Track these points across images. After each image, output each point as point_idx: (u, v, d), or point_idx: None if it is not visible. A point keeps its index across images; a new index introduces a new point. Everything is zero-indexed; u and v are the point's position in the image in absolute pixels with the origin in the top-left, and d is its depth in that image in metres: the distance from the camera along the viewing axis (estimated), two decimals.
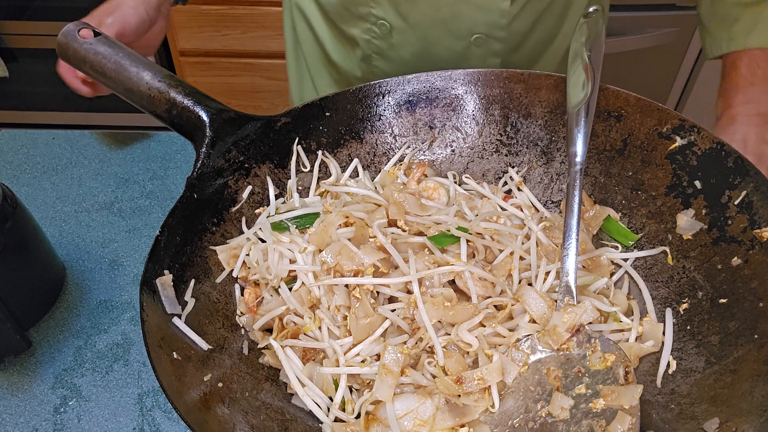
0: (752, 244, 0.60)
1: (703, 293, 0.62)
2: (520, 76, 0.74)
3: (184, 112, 0.68)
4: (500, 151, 0.77)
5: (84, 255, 0.82)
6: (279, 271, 0.64)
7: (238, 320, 0.65)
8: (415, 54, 0.90)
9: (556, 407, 0.56)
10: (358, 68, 0.97)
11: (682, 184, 0.67)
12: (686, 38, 1.88)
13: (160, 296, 0.60)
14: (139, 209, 0.88)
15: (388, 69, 0.94)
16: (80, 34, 0.72)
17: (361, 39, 0.92)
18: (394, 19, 0.88)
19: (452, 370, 0.57)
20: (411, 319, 0.60)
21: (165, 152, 0.96)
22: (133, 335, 0.74)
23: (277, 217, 0.68)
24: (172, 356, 0.56)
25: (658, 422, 0.56)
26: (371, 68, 0.95)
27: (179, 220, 0.63)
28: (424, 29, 0.87)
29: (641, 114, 0.69)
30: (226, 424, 0.54)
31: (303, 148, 0.74)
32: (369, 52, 0.93)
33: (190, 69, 2.14)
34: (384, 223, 0.65)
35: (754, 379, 0.54)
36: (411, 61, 0.92)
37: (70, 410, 0.68)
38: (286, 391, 0.61)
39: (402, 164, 0.76)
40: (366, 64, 0.95)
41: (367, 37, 0.91)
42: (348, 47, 0.96)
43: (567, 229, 0.63)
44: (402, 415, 0.55)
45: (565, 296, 0.61)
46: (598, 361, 0.58)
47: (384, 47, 0.91)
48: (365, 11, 0.89)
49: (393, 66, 0.93)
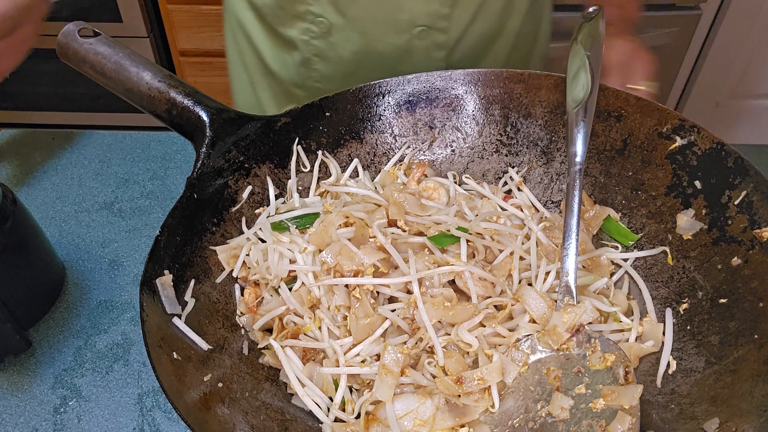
0: (752, 244, 0.60)
1: (703, 293, 0.62)
2: (520, 76, 0.74)
3: (184, 112, 0.68)
4: (500, 151, 0.77)
5: (84, 255, 0.83)
6: (279, 271, 0.64)
7: (238, 320, 0.65)
8: (356, 52, 0.89)
9: (556, 407, 0.56)
10: (296, 74, 0.95)
11: (682, 184, 0.67)
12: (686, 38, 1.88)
13: (160, 296, 0.60)
14: (139, 209, 0.88)
15: (328, 71, 0.92)
16: (80, 34, 0.72)
17: (299, 40, 0.90)
18: (333, 16, 0.86)
19: (452, 370, 0.57)
20: (411, 319, 0.60)
21: (165, 152, 0.96)
22: (133, 335, 0.74)
23: (277, 217, 0.68)
24: (172, 356, 0.56)
25: (658, 422, 0.56)
26: (310, 72, 0.93)
27: (179, 220, 0.63)
28: (364, 24, 0.86)
29: (641, 114, 0.69)
30: (226, 424, 0.54)
31: (303, 148, 0.74)
32: (308, 55, 0.91)
33: (190, 69, 2.14)
34: (384, 223, 0.65)
35: (754, 379, 0.54)
36: (352, 60, 0.90)
37: (70, 410, 0.68)
38: (286, 391, 0.61)
39: (402, 164, 0.76)
40: (305, 69, 0.93)
41: (306, 37, 0.90)
42: (286, 52, 0.94)
43: (567, 229, 0.63)
44: (402, 415, 0.55)
45: (565, 296, 0.61)
46: (598, 361, 0.58)
47: (323, 47, 0.90)
48: (302, 9, 0.87)
49: (333, 67, 0.92)
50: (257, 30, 0.96)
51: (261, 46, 0.97)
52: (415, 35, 0.86)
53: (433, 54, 0.89)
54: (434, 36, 0.87)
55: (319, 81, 0.94)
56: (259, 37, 0.96)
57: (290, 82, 0.97)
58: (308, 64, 0.93)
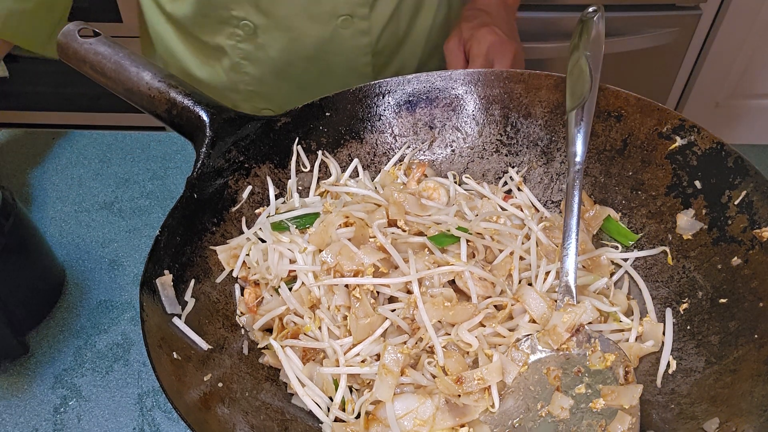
0: (752, 244, 0.60)
1: (703, 293, 0.62)
2: (520, 76, 0.74)
3: (184, 112, 0.68)
4: (500, 151, 0.77)
5: (84, 255, 0.82)
6: (279, 271, 0.64)
7: (238, 320, 0.65)
8: (284, 50, 0.89)
9: (556, 407, 0.56)
10: (227, 80, 0.95)
11: (682, 184, 0.67)
12: (686, 38, 1.88)
13: (160, 296, 0.60)
14: (139, 209, 0.88)
15: (258, 73, 0.92)
16: (80, 34, 0.72)
17: (226, 46, 0.90)
18: (256, 17, 0.86)
19: (452, 370, 0.57)
20: (411, 319, 0.60)
21: (165, 152, 0.96)
22: (133, 335, 0.74)
23: (277, 217, 0.68)
24: (172, 356, 0.56)
25: (658, 422, 0.56)
26: (241, 76, 0.93)
27: (179, 220, 0.63)
28: (287, 21, 0.86)
29: (641, 114, 0.69)
30: (226, 424, 0.54)
31: (303, 148, 0.74)
32: (237, 59, 0.91)
33: None
34: (384, 223, 0.65)
35: (754, 379, 0.54)
36: (280, 58, 0.90)
37: (70, 410, 0.68)
38: (286, 391, 0.61)
39: (402, 164, 0.76)
40: (235, 73, 0.93)
41: (232, 42, 0.89)
42: (213, 60, 0.94)
43: (567, 229, 0.63)
44: (402, 415, 0.55)
45: (565, 296, 0.61)
46: (598, 360, 0.58)
47: (251, 50, 0.90)
48: (226, 15, 0.87)
49: (263, 68, 0.92)
50: (178, 43, 0.96)
51: (184, 58, 0.97)
52: (339, 25, 0.87)
53: (359, 41, 0.90)
54: (357, 24, 0.87)
55: (251, 84, 0.94)
56: (180, 49, 0.96)
57: (222, 87, 0.97)
58: (238, 68, 0.93)
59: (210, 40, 0.91)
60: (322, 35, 0.88)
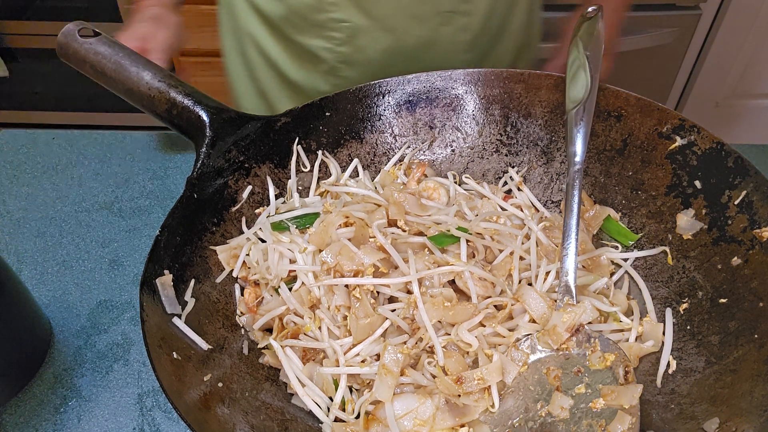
0: (752, 244, 0.60)
1: (703, 293, 0.62)
2: (520, 76, 0.74)
3: (184, 112, 0.68)
4: (500, 151, 0.77)
5: (84, 255, 0.83)
6: (279, 271, 0.64)
7: (238, 320, 0.65)
8: (384, 50, 0.88)
9: (555, 407, 0.56)
10: (323, 82, 0.93)
11: (682, 184, 0.67)
12: (686, 38, 1.88)
13: (160, 296, 0.60)
14: (139, 209, 0.88)
15: (356, 76, 0.91)
16: (80, 34, 0.72)
17: (322, 50, 0.89)
18: (358, 18, 0.85)
19: (452, 370, 0.57)
20: (411, 319, 0.60)
21: (165, 152, 0.96)
22: (133, 335, 0.74)
23: (277, 217, 0.68)
24: (172, 356, 0.56)
25: (658, 422, 0.56)
26: (337, 80, 0.92)
27: (179, 220, 0.63)
28: (389, 21, 0.85)
29: (641, 114, 0.69)
30: (226, 424, 0.54)
31: (303, 148, 0.74)
32: (334, 63, 0.90)
33: (190, 69, 2.14)
34: (384, 223, 0.65)
35: (754, 379, 0.54)
36: (380, 59, 0.89)
37: (70, 410, 0.68)
38: (286, 391, 0.61)
39: (402, 164, 0.76)
40: (333, 77, 0.92)
41: (329, 45, 0.88)
42: (309, 64, 0.92)
43: (566, 228, 0.63)
44: (402, 415, 0.55)
45: (565, 296, 0.61)
46: (597, 360, 0.58)
47: (349, 52, 0.88)
48: (324, 17, 0.86)
49: (361, 70, 0.90)
50: (272, 44, 0.94)
51: (278, 59, 0.95)
52: (440, 22, 0.85)
53: (459, 37, 0.88)
54: (458, 20, 0.86)
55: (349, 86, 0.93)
56: (275, 50, 0.94)
57: (315, 91, 0.95)
58: (335, 72, 0.91)
59: (305, 42, 0.90)
60: (423, 34, 0.86)
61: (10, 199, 0.89)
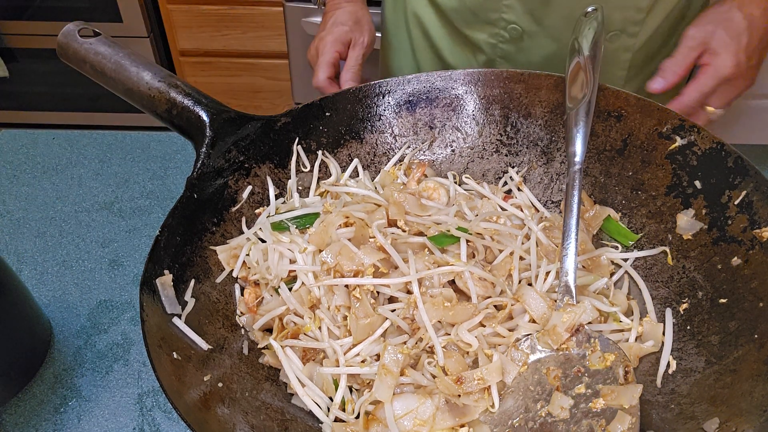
0: (752, 244, 0.60)
1: (703, 293, 0.62)
2: (520, 76, 0.74)
3: (184, 112, 0.68)
4: (500, 151, 0.77)
5: (84, 255, 0.83)
6: (279, 271, 0.64)
7: (238, 320, 0.65)
8: (546, 57, 0.88)
9: (555, 407, 0.56)
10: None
11: (682, 184, 0.67)
12: None
13: (160, 296, 0.60)
14: (139, 209, 0.88)
15: None
16: (80, 34, 0.72)
17: (486, 44, 0.90)
18: (527, 24, 0.86)
19: (452, 370, 0.57)
20: (411, 319, 0.60)
21: (165, 152, 0.96)
22: (133, 335, 0.74)
23: (277, 217, 0.68)
24: (172, 356, 0.56)
25: (658, 422, 0.56)
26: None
27: (179, 220, 0.63)
28: (557, 31, 0.85)
29: (641, 114, 0.69)
30: (226, 424, 0.54)
31: (303, 148, 0.74)
32: (494, 57, 0.91)
33: (190, 69, 2.14)
34: (384, 223, 0.65)
35: (754, 379, 0.54)
36: (540, 64, 0.89)
37: (70, 410, 0.68)
38: (286, 391, 0.61)
39: (402, 164, 0.76)
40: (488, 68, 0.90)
41: (494, 41, 0.89)
42: (468, 52, 0.94)
43: (566, 228, 0.63)
44: (402, 414, 0.55)
45: (565, 296, 0.61)
46: (597, 360, 0.58)
47: (511, 51, 0.89)
48: (495, 17, 0.87)
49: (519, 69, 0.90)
50: (437, 28, 0.95)
51: (441, 43, 0.96)
52: (607, 39, 0.85)
53: (621, 56, 0.88)
54: (624, 40, 0.86)
55: None
56: (439, 34, 0.96)
57: None
58: (492, 65, 0.92)
59: (471, 35, 0.91)
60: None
61: (10, 199, 0.89)
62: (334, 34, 0.85)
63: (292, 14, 1.90)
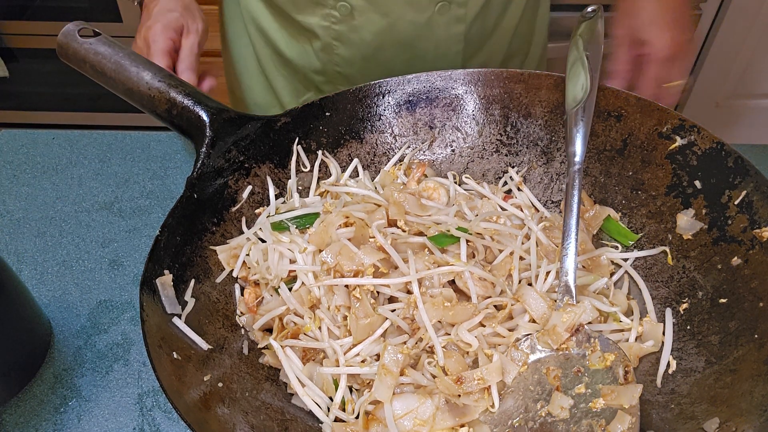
0: (752, 244, 0.60)
1: (703, 293, 0.62)
2: (520, 76, 0.74)
3: (184, 112, 0.68)
4: (500, 151, 0.77)
5: (84, 255, 0.83)
6: (279, 271, 0.64)
7: (238, 320, 0.65)
8: (378, 33, 0.89)
9: (555, 407, 0.56)
10: (317, 60, 0.94)
11: (682, 183, 0.67)
12: None
13: (160, 296, 0.60)
14: (139, 209, 0.88)
15: (348, 55, 0.92)
16: (80, 34, 0.72)
17: (319, 27, 0.90)
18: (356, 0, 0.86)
19: (452, 370, 0.57)
20: (411, 319, 0.60)
21: (165, 152, 0.96)
22: (133, 335, 0.74)
23: (277, 217, 0.68)
24: (172, 356, 0.56)
25: (658, 422, 0.56)
26: (331, 57, 0.93)
27: (179, 220, 0.63)
28: (386, 5, 0.85)
29: (641, 114, 0.69)
30: (226, 424, 0.54)
31: (303, 148, 0.74)
32: (328, 40, 0.91)
33: None
34: (384, 223, 0.65)
35: (754, 379, 0.54)
36: (373, 41, 0.90)
37: (70, 410, 0.68)
38: (286, 391, 0.61)
39: (402, 164, 0.76)
40: (326, 54, 0.93)
41: (326, 23, 0.89)
42: (304, 40, 0.94)
43: (566, 228, 0.63)
44: (402, 414, 0.55)
45: (565, 296, 0.61)
46: (597, 360, 0.58)
47: (345, 31, 0.89)
48: None
49: (354, 50, 0.91)
50: (270, 21, 0.95)
51: (275, 36, 0.96)
52: (436, 11, 0.86)
53: (453, 28, 0.89)
54: (454, 10, 0.87)
55: (339, 65, 0.94)
56: (273, 27, 0.96)
57: (309, 68, 0.96)
58: (329, 49, 0.92)
59: (304, 20, 0.91)
60: (418, 20, 0.87)
61: (10, 199, 0.89)
62: (163, 21, 0.80)
63: None
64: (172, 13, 0.80)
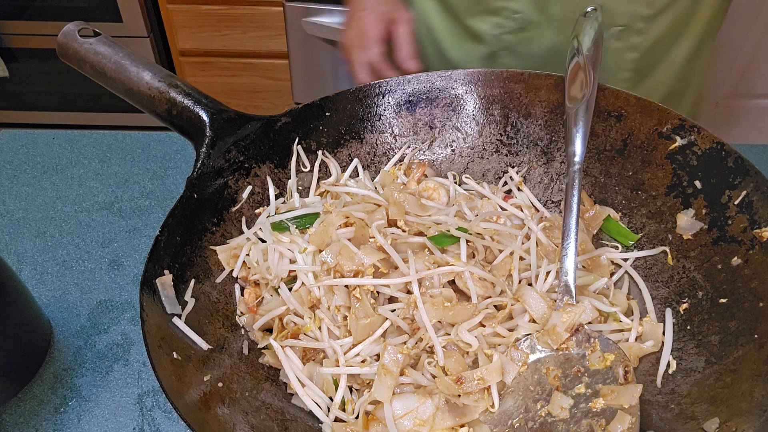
0: (752, 244, 0.60)
1: (703, 293, 0.62)
2: (520, 76, 0.74)
3: (184, 112, 0.68)
4: (500, 151, 0.77)
5: (84, 255, 0.83)
6: (279, 271, 0.64)
7: (238, 320, 0.65)
8: (549, 49, 0.87)
9: (555, 407, 0.56)
10: (479, 66, 0.92)
11: (682, 184, 0.67)
12: None
13: (160, 296, 0.60)
14: (139, 209, 0.88)
15: (513, 65, 0.89)
16: (80, 34, 0.72)
17: (488, 35, 0.88)
18: (532, 13, 0.84)
19: (452, 370, 0.57)
20: (411, 319, 0.60)
21: (165, 152, 0.96)
22: (133, 335, 0.74)
23: (277, 217, 0.68)
24: (172, 356, 0.56)
25: (658, 422, 0.56)
26: (496, 65, 0.91)
27: (179, 220, 0.63)
28: (562, 23, 0.83)
29: (641, 114, 0.69)
30: (226, 424, 0.54)
31: (303, 148, 0.74)
32: (496, 49, 0.89)
33: (190, 69, 2.14)
34: (384, 223, 0.65)
35: (754, 379, 0.54)
36: (542, 56, 0.87)
37: (70, 410, 0.68)
38: (286, 391, 0.61)
39: (402, 164, 0.76)
40: (490, 61, 0.91)
41: (497, 32, 0.88)
42: (471, 44, 0.92)
43: (566, 228, 0.63)
44: (402, 415, 0.55)
45: (565, 296, 0.61)
46: (597, 360, 0.58)
47: (514, 42, 0.87)
48: (498, 5, 0.85)
49: (520, 62, 0.89)
50: (440, 21, 0.94)
51: (443, 36, 0.95)
52: (612, 35, 0.84)
53: (626, 55, 0.87)
54: (630, 37, 0.85)
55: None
56: (441, 27, 0.95)
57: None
58: (494, 58, 0.91)
59: (474, 25, 0.90)
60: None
61: (10, 199, 0.89)
62: (374, 12, 0.83)
63: (292, 14, 1.90)
64: (381, 6, 0.85)
